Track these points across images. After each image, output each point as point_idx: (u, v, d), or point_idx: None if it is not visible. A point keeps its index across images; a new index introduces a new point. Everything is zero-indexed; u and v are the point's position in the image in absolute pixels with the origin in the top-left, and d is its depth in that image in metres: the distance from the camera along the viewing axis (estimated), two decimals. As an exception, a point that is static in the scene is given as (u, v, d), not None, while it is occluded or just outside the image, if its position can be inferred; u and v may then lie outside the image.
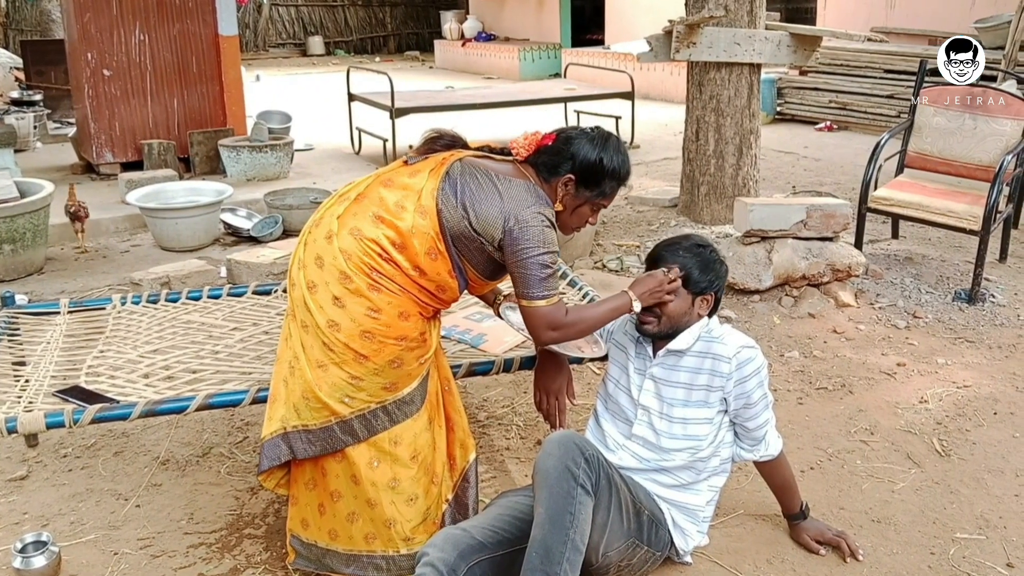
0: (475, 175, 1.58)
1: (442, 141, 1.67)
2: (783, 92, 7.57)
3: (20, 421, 1.64)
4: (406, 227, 1.53)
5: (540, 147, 1.63)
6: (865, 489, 2.06)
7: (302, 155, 5.96)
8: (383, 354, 1.53)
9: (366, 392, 1.55)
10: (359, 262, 1.52)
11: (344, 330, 1.52)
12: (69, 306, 2.27)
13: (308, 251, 1.58)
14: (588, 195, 1.63)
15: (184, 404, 1.71)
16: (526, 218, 1.53)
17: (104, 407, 1.69)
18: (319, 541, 1.65)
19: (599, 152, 1.61)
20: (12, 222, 3.53)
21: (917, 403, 2.51)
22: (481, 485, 1.98)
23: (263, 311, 2.31)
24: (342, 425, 1.56)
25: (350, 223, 1.56)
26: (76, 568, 1.78)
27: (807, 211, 3.20)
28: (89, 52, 4.97)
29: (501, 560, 1.54)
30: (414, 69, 12.53)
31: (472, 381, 2.65)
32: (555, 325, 1.59)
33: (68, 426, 1.66)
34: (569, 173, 1.60)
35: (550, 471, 1.48)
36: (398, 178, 1.60)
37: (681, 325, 1.72)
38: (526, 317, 1.60)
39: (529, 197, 1.56)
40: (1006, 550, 1.82)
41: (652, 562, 1.69)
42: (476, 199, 1.55)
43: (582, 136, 1.63)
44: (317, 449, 1.58)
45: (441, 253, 1.55)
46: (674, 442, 1.71)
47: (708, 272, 1.71)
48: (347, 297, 1.52)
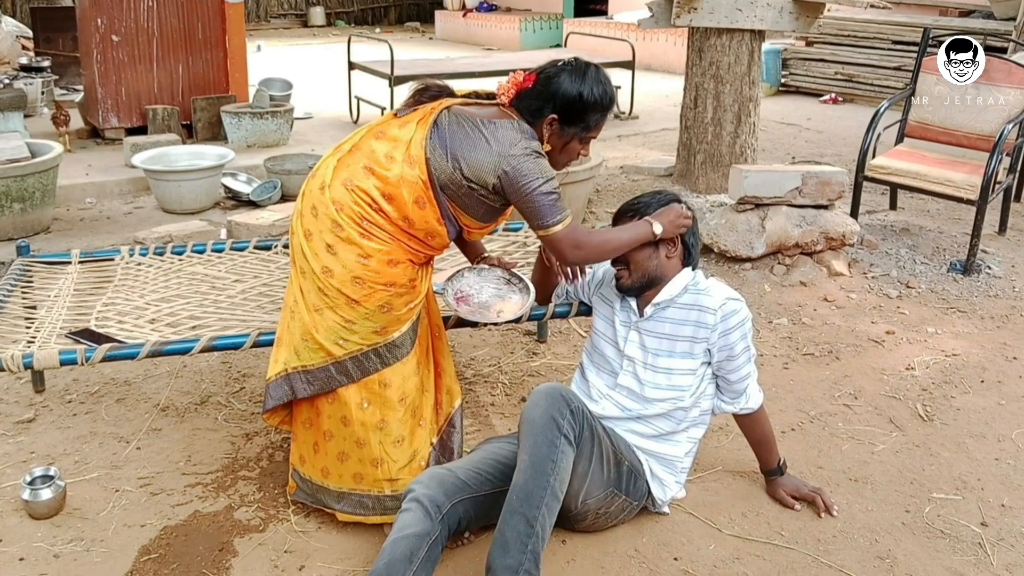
0: (462, 124, 1.61)
1: (429, 93, 1.70)
2: (788, 63, 7.46)
3: (36, 358, 1.74)
4: (394, 177, 1.57)
5: (521, 89, 1.64)
6: (845, 450, 2.10)
7: (301, 123, 5.97)
8: (373, 299, 1.59)
9: (359, 335, 1.62)
10: (350, 212, 1.58)
11: (336, 276, 1.58)
12: (80, 256, 2.36)
13: (305, 201, 1.64)
14: (574, 131, 1.65)
15: (189, 346, 1.79)
16: (517, 156, 1.56)
17: (114, 346, 1.78)
18: (313, 477, 1.74)
19: (578, 87, 1.60)
20: (22, 181, 3.59)
21: (903, 370, 2.54)
22: (466, 437, 2.05)
23: (263, 265, 2.37)
24: (337, 366, 1.63)
25: (343, 174, 1.61)
26: (80, 502, 1.86)
27: (803, 178, 3.20)
28: (99, 17, 5.00)
29: (484, 500, 1.61)
30: (414, 40, 12.39)
31: (461, 341, 2.71)
32: (578, 244, 1.64)
33: (80, 363, 1.74)
34: (552, 114, 1.61)
35: (536, 420, 1.53)
36: (388, 130, 1.65)
37: (652, 273, 1.75)
38: (550, 245, 1.65)
39: (516, 135, 1.59)
40: (981, 510, 1.87)
41: (629, 511, 1.75)
42: (465, 148, 1.58)
43: (560, 72, 1.62)
44: (315, 388, 1.65)
45: (430, 200, 1.60)
46: (658, 392, 1.76)
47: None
48: (339, 244, 1.58)
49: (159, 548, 1.72)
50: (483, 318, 1.87)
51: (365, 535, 1.75)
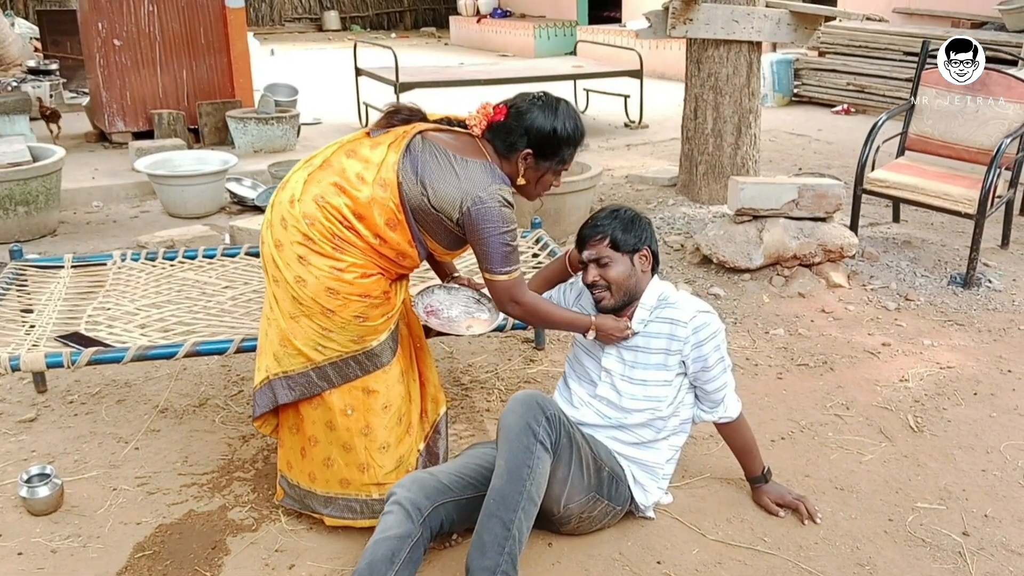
0: (435, 153, 1.63)
1: (399, 116, 1.72)
2: (800, 73, 7.45)
3: (23, 359, 1.79)
4: (364, 198, 1.59)
5: (492, 122, 1.67)
6: (833, 459, 2.11)
7: (309, 128, 6.04)
8: (348, 309, 1.62)
9: (336, 343, 1.64)
10: (321, 228, 1.60)
11: (310, 286, 1.60)
12: (73, 261, 2.40)
13: (275, 212, 1.66)
14: (548, 165, 1.69)
15: (173, 350, 1.82)
16: (484, 199, 1.58)
17: (99, 350, 1.81)
18: (301, 483, 1.77)
19: (551, 123, 1.64)
20: (25, 185, 3.67)
21: (897, 381, 2.54)
22: (460, 443, 2.08)
23: (254, 271, 2.42)
24: (317, 371, 1.66)
25: (313, 189, 1.62)
26: (77, 500, 1.91)
27: (799, 190, 3.22)
28: (100, 22, 5.06)
29: (465, 504, 1.64)
30: (429, 45, 12.51)
31: (459, 348, 2.74)
32: (517, 299, 1.67)
33: (67, 366, 1.79)
34: (527, 148, 1.65)
35: (512, 426, 1.56)
36: (360, 149, 1.66)
37: (632, 289, 1.78)
38: (491, 289, 1.68)
39: (486, 178, 1.61)
40: (964, 519, 1.88)
41: (612, 515, 1.78)
42: (435, 178, 1.61)
43: (532, 107, 1.66)
44: (296, 394, 1.68)
45: (401, 223, 1.62)
46: (635, 402, 1.79)
47: (632, 229, 1.75)
48: (311, 256, 1.60)
49: (154, 545, 1.76)
50: (452, 330, 1.89)
51: (354, 536, 1.78)
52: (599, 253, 1.74)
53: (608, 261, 1.73)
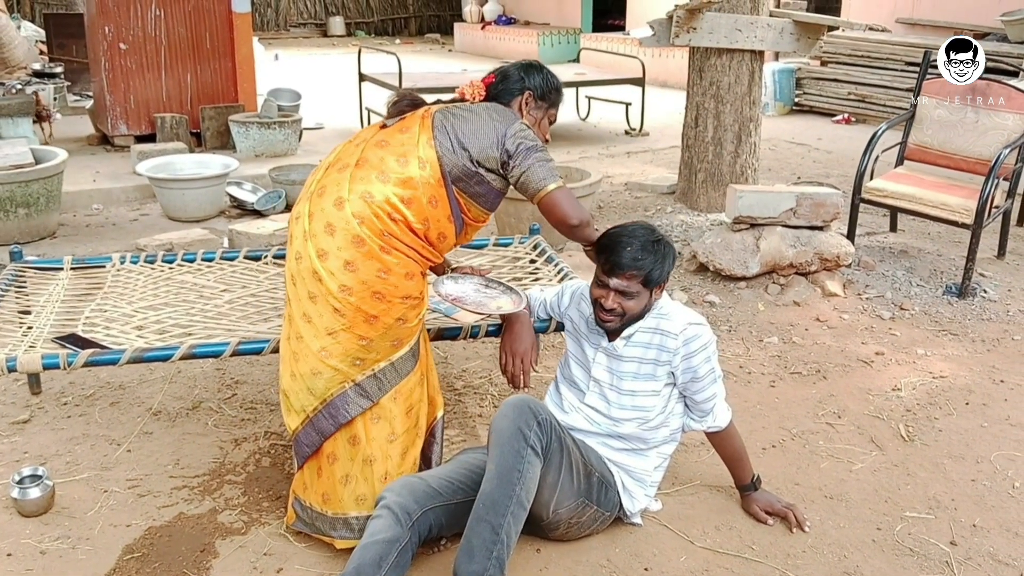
0: (459, 116, 1.73)
1: (405, 101, 1.80)
2: (802, 82, 7.47)
3: (20, 360, 1.79)
4: (412, 175, 1.65)
5: (489, 85, 1.82)
6: (823, 468, 2.12)
7: (312, 133, 6.07)
8: (391, 313, 1.64)
9: (375, 352, 1.65)
10: (371, 225, 1.61)
11: (356, 293, 1.61)
12: (72, 263, 2.41)
13: (316, 221, 1.63)
14: (544, 106, 1.86)
15: (169, 352, 1.83)
16: (516, 128, 1.73)
17: (96, 352, 1.82)
18: (314, 504, 1.74)
19: (536, 71, 1.86)
20: (27, 187, 3.69)
21: (889, 391, 2.55)
22: (452, 448, 2.08)
23: (252, 275, 2.42)
24: (356, 388, 1.65)
25: (359, 188, 1.64)
26: (69, 502, 1.92)
27: (797, 199, 3.23)
28: (106, 26, 5.10)
29: (455, 508, 1.65)
30: (433, 52, 12.55)
31: (454, 353, 2.75)
32: (574, 206, 1.74)
33: (63, 368, 1.79)
34: (527, 90, 1.82)
35: (503, 431, 1.57)
36: (390, 138, 1.71)
37: (639, 314, 1.78)
38: (550, 207, 1.73)
39: (509, 115, 1.77)
40: (952, 529, 1.88)
41: (601, 521, 1.78)
42: (469, 133, 1.70)
43: (516, 67, 1.87)
44: (340, 419, 1.66)
45: (441, 198, 1.67)
46: (623, 412, 1.79)
47: (664, 264, 1.75)
48: (359, 260, 1.61)
49: (143, 547, 1.77)
50: (483, 311, 1.89)
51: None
52: (629, 287, 1.70)
53: (634, 295, 1.72)
